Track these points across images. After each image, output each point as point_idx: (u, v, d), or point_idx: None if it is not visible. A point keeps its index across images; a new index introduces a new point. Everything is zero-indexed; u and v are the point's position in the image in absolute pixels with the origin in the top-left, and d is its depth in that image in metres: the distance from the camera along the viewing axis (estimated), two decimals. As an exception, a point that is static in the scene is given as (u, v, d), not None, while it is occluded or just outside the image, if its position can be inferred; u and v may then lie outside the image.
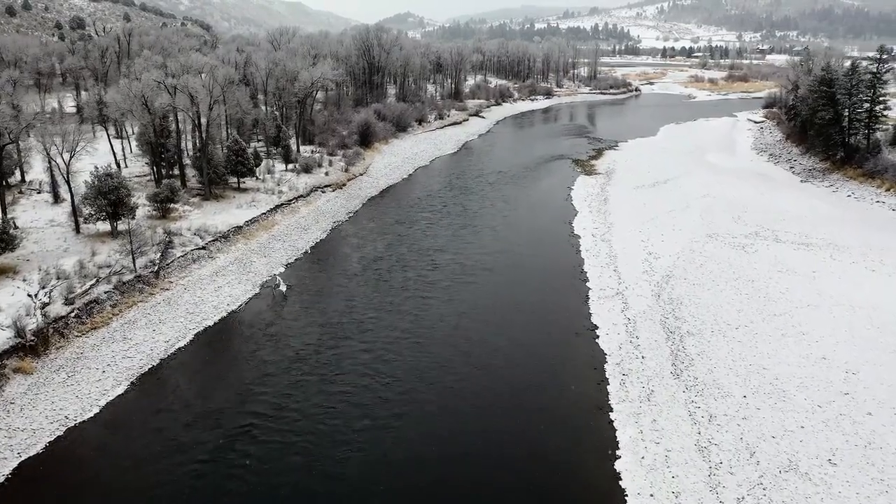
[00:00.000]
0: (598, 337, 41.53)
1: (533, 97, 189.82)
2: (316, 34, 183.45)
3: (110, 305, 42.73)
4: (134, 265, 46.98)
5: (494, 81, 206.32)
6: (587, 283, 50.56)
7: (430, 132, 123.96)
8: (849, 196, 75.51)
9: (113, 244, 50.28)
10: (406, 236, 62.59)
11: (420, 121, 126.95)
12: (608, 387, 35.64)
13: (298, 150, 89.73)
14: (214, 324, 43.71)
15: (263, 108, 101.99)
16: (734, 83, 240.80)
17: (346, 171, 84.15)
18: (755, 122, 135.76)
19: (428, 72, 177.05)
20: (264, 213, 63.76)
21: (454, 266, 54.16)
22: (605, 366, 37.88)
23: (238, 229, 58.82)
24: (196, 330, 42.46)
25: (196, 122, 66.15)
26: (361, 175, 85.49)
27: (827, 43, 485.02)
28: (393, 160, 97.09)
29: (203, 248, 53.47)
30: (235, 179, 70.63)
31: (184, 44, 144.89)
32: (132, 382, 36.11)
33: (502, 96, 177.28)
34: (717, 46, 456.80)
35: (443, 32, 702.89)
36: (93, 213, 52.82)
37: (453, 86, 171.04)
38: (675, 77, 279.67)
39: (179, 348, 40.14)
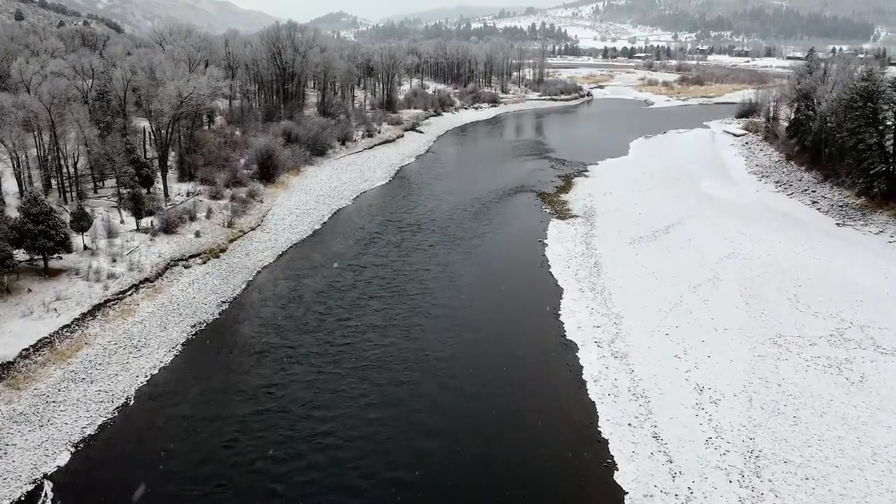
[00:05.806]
0: None
1: (477, 105, 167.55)
2: (223, 34, 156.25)
3: None
4: None
5: (433, 86, 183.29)
6: (615, 471, 28.45)
7: (356, 154, 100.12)
8: (916, 250, 56.12)
9: None
10: (287, 395, 34.07)
11: (344, 140, 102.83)
12: None
13: (167, 194, 64.74)
14: None
15: (143, 132, 76.29)
16: (690, 86, 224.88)
17: (230, 224, 59.60)
18: (735, 136, 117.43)
19: (356, 77, 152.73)
20: (69, 325, 38.98)
21: (370, 472, 28.54)
22: None
23: (2, 369, 34.02)
24: None
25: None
26: (253, 229, 61.07)
27: (766, 43, 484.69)
28: (303, 200, 72.84)
29: None
30: (42, 257, 45.58)
31: (48, 45, 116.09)
32: None
33: (442, 105, 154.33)
34: (660, 47, 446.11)
35: (376, 32, 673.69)
36: None
37: (385, 94, 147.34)
38: (624, 80, 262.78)
39: None
